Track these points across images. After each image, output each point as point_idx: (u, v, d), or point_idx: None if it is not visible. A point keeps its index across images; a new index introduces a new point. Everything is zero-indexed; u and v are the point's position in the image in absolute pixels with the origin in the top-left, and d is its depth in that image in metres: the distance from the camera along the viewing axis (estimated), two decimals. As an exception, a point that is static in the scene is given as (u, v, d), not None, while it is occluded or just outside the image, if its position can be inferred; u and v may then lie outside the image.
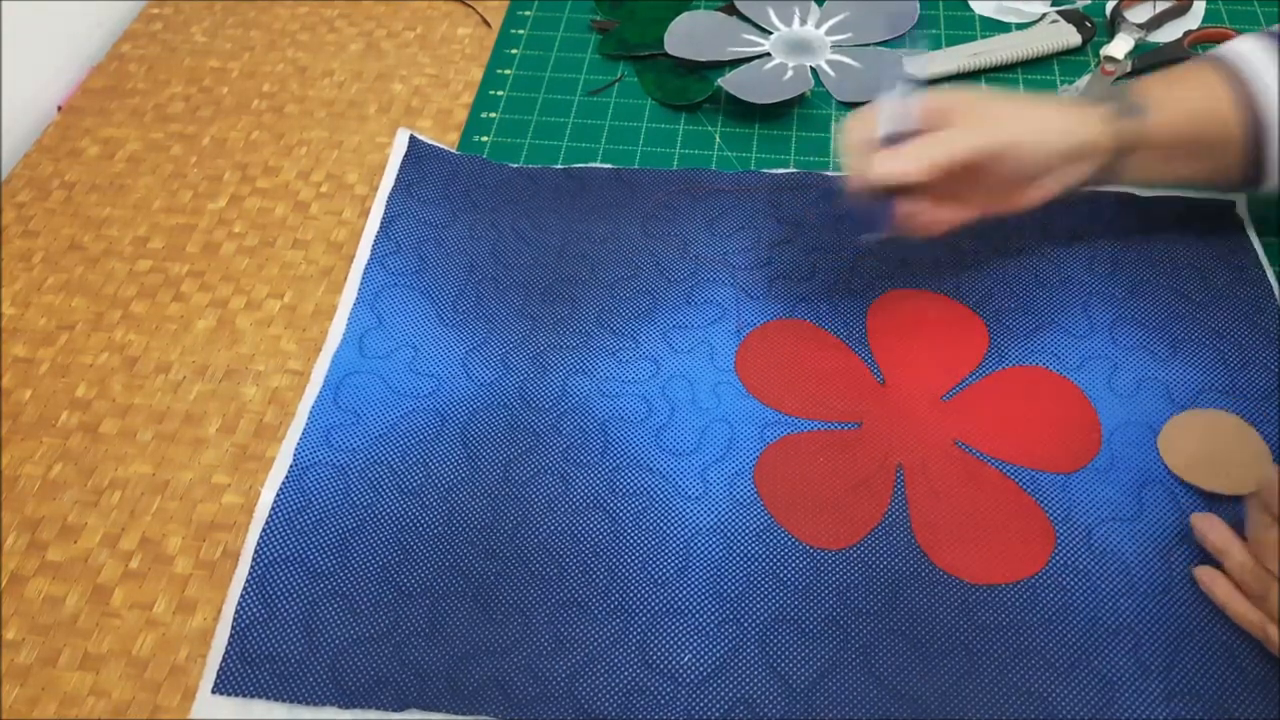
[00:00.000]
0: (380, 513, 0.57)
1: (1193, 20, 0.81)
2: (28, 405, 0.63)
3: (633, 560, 0.54)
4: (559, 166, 0.74)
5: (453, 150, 0.75)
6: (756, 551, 0.54)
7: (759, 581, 0.53)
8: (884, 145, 0.55)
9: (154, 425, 0.62)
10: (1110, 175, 0.59)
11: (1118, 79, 0.77)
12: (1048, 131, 0.56)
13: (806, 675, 0.50)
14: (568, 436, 0.59)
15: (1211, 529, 0.53)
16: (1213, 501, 0.55)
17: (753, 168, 0.74)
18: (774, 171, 0.72)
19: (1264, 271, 0.65)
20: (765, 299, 0.65)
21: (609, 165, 0.74)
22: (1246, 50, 0.59)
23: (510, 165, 0.74)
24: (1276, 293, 0.64)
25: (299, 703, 0.50)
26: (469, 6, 0.89)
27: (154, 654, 0.53)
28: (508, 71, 0.83)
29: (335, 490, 0.57)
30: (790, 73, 0.79)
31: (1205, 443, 0.56)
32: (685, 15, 0.84)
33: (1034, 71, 0.79)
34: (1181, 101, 0.58)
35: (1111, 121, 0.57)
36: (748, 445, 0.59)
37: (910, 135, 0.55)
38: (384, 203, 0.71)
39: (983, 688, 0.50)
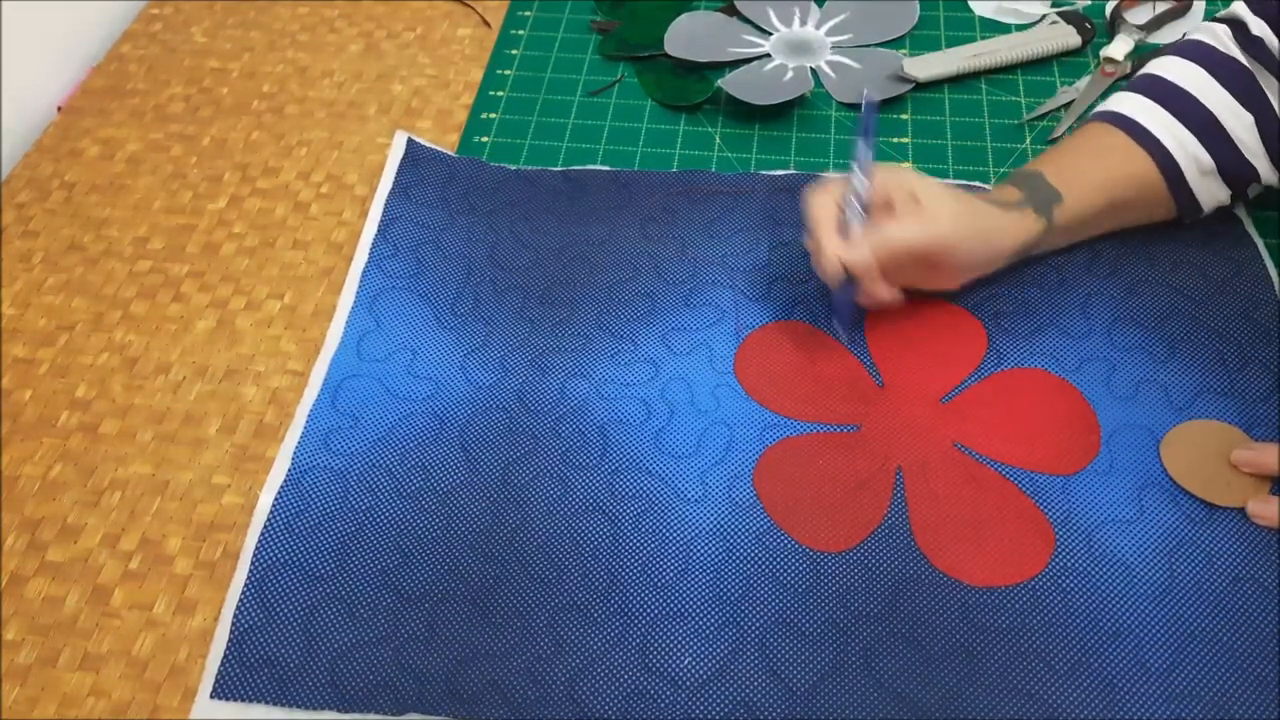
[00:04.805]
0: (379, 516, 0.57)
1: (1192, 21, 0.81)
2: (28, 405, 0.63)
3: (632, 563, 0.54)
4: (557, 169, 0.74)
5: (450, 153, 0.75)
6: (756, 554, 0.54)
7: (759, 584, 0.53)
8: (838, 224, 0.58)
9: (154, 426, 0.62)
10: (1036, 250, 0.63)
11: (1117, 80, 0.77)
12: (980, 235, 0.59)
13: (807, 678, 0.50)
14: (567, 439, 0.59)
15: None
16: (1214, 509, 0.55)
17: (753, 169, 0.74)
18: (772, 173, 0.72)
19: (1264, 267, 0.64)
20: (764, 301, 0.65)
21: (607, 167, 0.74)
22: (1129, 108, 0.63)
23: (508, 167, 0.74)
24: (1276, 289, 0.64)
25: (298, 707, 0.50)
26: (469, 7, 0.89)
27: (154, 654, 0.53)
28: (508, 72, 0.83)
29: (334, 494, 0.57)
30: (790, 74, 0.79)
31: (1206, 453, 0.56)
32: (685, 16, 0.84)
33: (1034, 73, 0.79)
34: (1092, 173, 0.62)
35: (1037, 220, 0.60)
36: (747, 448, 0.59)
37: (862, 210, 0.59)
38: (382, 206, 0.71)
39: (984, 690, 0.50)
